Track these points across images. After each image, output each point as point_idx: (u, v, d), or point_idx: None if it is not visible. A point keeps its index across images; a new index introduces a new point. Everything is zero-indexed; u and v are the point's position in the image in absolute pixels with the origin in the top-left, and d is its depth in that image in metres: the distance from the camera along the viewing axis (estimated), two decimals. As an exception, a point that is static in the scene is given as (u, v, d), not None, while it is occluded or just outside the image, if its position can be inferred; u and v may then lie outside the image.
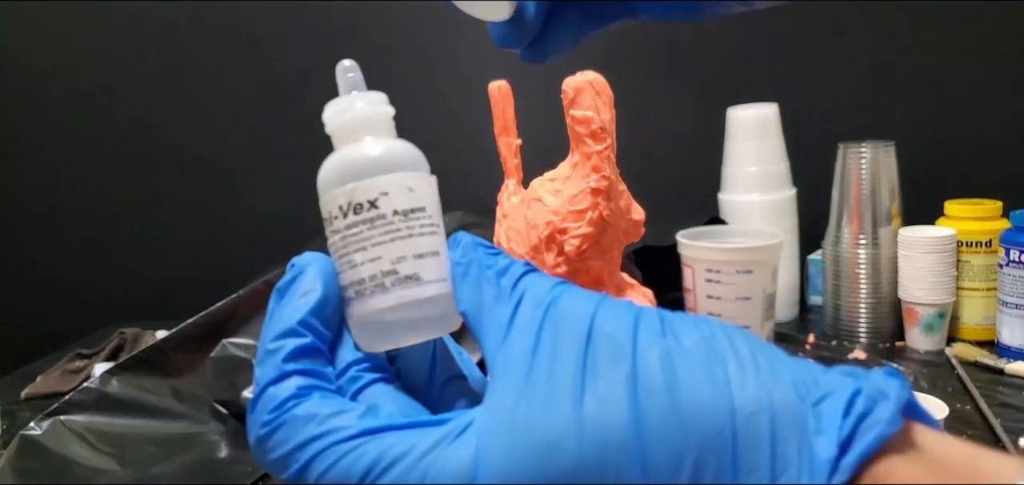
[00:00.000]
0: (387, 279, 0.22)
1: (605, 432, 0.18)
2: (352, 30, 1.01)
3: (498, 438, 0.19)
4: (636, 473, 0.17)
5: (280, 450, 0.20)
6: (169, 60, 1.05)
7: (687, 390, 0.18)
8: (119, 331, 0.84)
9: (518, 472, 0.18)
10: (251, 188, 1.07)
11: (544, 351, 0.19)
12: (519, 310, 0.21)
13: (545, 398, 0.19)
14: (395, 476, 0.19)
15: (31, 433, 0.61)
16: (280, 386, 0.21)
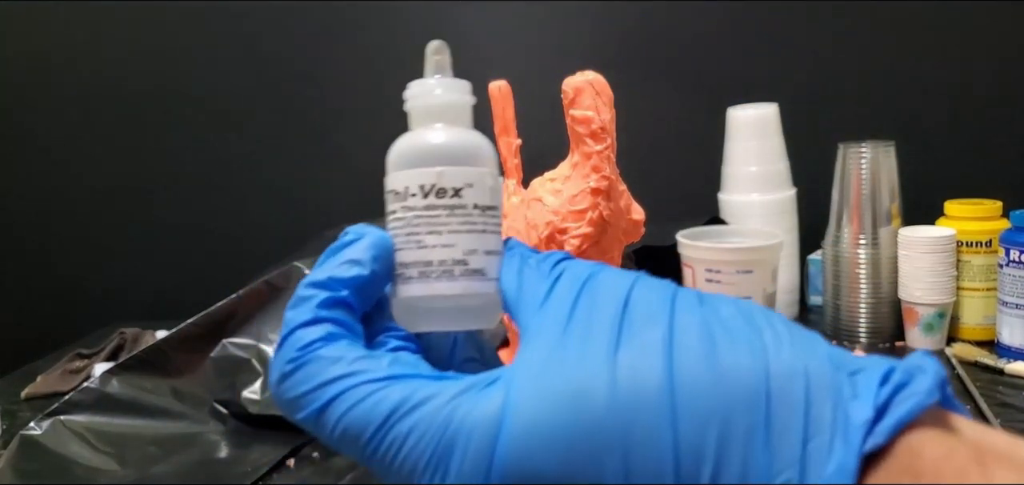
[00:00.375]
0: (456, 267, 0.22)
1: (637, 384, 0.17)
2: (353, 30, 1.01)
3: (528, 386, 0.18)
4: (666, 428, 0.17)
5: (301, 388, 0.20)
6: (169, 60, 1.05)
7: (723, 353, 0.18)
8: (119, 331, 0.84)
9: (547, 419, 0.18)
10: (251, 188, 1.07)
11: (580, 314, 0.19)
12: (557, 283, 0.21)
13: (579, 352, 0.18)
14: (418, 418, 0.19)
15: (31, 433, 0.61)
16: (310, 329, 0.21)
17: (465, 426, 0.18)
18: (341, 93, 1.03)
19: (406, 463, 0.19)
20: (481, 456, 0.18)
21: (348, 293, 0.22)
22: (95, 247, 1.09)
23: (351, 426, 0.19)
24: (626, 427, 0.17)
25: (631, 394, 0.17)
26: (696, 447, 0.17)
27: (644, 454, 0.17)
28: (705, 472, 0.17)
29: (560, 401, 0.18)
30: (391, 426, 0.19)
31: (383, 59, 1.01)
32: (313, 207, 1.03)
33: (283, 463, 0.59)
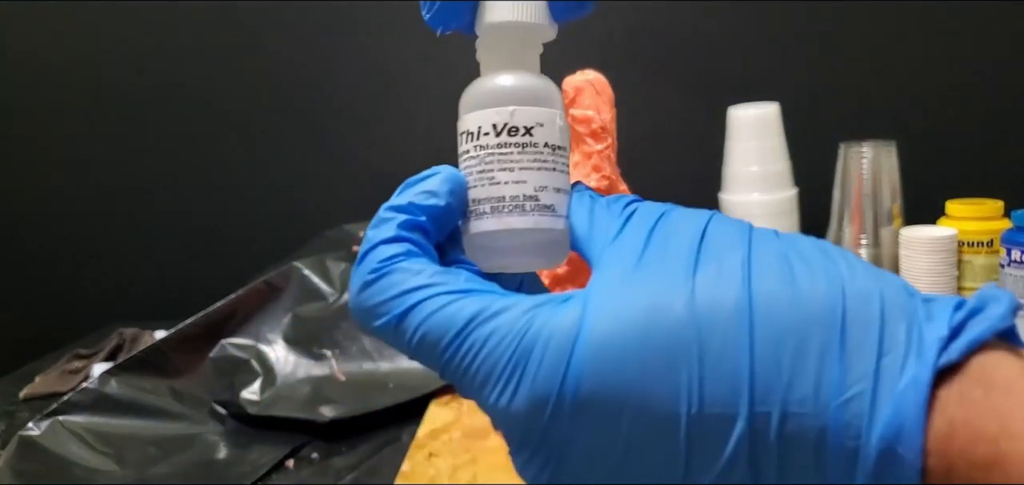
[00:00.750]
0: (528, 203, 0.23)
1: (715, 301, 0.18)
2: (353, 29, 1.01)
3: (605, 301, 0.19)
4: (743, 341, 0.17)
5: (383, 295, 0.21)
6: (169, 60, 1.05)
7: (800, 276, 0.18)
8: (118, 331, 0.84)
9: (624, 330, 0.18)
10: (250, 188, 1.07)
11: (655, 244, 0.20)
12: (630, 220, 0.21)
13: (656, 273, 0.19)
14: (497, 325, 0.19)
15: (30, 433, 0.61)
16: (391, 245, 0.21)
17: (543, 334, 0.19)
18: (341, 93, 1.02)
19: (482, 369, 0.19)
20: (557, 363, 0.18)
21: (425, 219, 0.22)
22: (94, 247, 1.09)
23: (430, 331, 0.20)
24: (703, 340, 0.17)
25: (709, 309, 0.18)
26: (772, 361, 0.17)
27: (720, 367, 0.17)
28: (779, 386, 0.17)
29: (637, 314, 0.18)
30: (470, 331, 0.19)
31: (383, 59, 1.01)
32: (312, 207, 1.03)
33: (282, 464, 0.59)
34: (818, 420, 0.17)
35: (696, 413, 0.17)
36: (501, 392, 0.19)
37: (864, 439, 0.16)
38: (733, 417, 0.17)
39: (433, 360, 0.20)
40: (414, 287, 0.20)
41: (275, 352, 0.70)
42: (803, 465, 0.17)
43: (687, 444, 0.18)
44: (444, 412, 0.63)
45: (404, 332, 0.20)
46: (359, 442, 0.61)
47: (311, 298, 0.73)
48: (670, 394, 0.17)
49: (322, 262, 0.76)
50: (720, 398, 0.17)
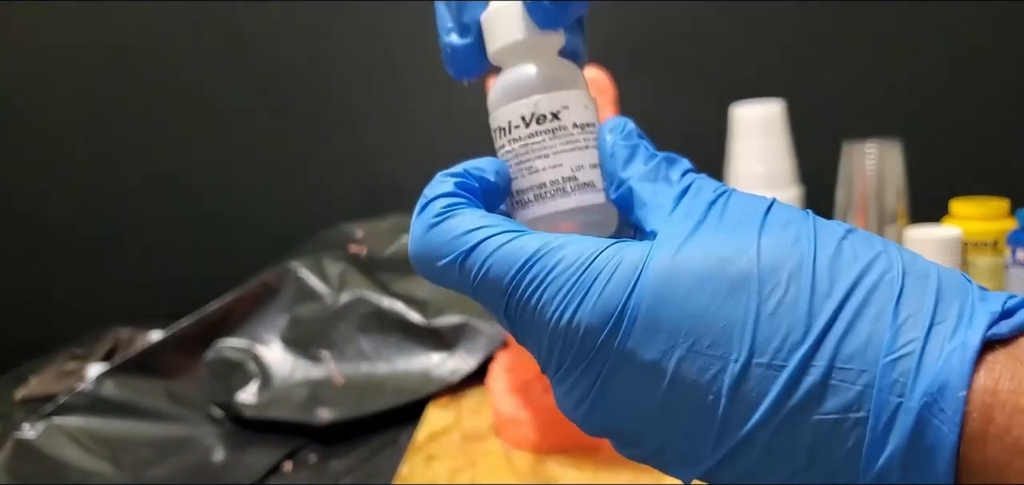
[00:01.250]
0: (568, 184, 0.24)
1: (780, 258, 0.19)
2: (351, 29, 1.01)
3: (673, 246, 0.19)
4: (804, 294, 0.18)
5: (449, 235, 0.21)
6: (163, 59, 1.04)
7: (861, 250, 0.19)
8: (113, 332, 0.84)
9: (689, 268, 0.19)
10: (246, 189, 1.06)
11: (716, 213, 0.20)
12: (688, 192, 0.22)
13: (723, 231, 0.20)
14: (563, 255, 0.20)
15: (25, 436, 0.61)
16: (452, 197, 0.22)
17: (612, 260, 0.20)
18: (338, 93, 1.02)
19: (548, 291, 0.20)
20: (624, 283, 0.19)
21: (478, 186, 0.23)
22: (89, 247, 1.09)
23: (497, 264, 0.21)
24: (763, 291, 0.18)
25: (772, 265, 0.19)
26: (829, 316, 0.18)
27: (776, 319, 0.18)
28: (831, 340, 0.18)
29: (704, 258, 0.19)
30: (537, 260, 0.20)
31: (382, 59, 1.00)
32: (309, 207, 1.03)
33: (279, 466, 0.58)
34: (863, 377, 0.17)
35: (744, 362, 0.18)
36: (565, 308, 0.20)
37: (907, 396, 0.17)
38: (780, 368, 0.18)
39: (496, 295, 0.21)
40: (480, 226, 0.21)
41: (272, 354, 0.69)
42: (841, 420, 0.17)
43: (729, 389, 0.18)
44: (443, 415, 0.63)
45: (469, 269, 0.21)
46: (357, 445, 0.61)
47: (308, 299, 0.72)
48: (722, 340, 0.18)
49: (319, 262, 0.76)
50: (770, 350, 0.18)
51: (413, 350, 0.69)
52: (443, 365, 0.67)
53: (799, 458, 0.18)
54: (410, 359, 0.69)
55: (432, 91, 1.01)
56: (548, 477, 0.53)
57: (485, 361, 0.66)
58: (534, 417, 0.55)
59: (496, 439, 0.58)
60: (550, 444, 0.56)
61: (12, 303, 1.11)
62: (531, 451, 0.56)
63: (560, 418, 0.55)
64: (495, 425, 0.59)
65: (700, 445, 0.19)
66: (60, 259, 1.09)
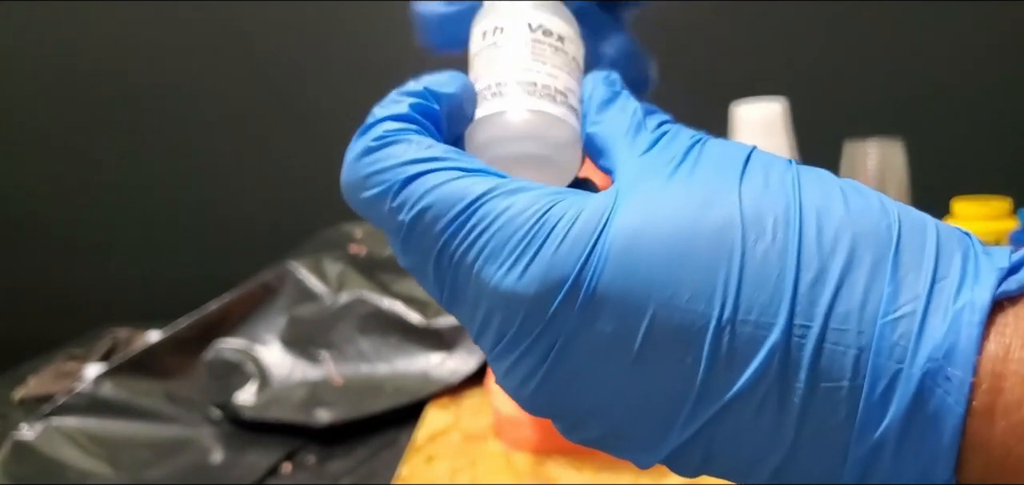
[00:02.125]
0: (558, 96, 0.22)
1: (762, 206, 0.16)
2: (350, 28, 1.00)
3: (641, 194, 0.17)
4: (791, 247, 0.16)
5: (386, 162, 0.18)
6: (164, 59, 1.04)
7: (851, 197, 0.17)
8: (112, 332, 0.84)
9: (659, 222, 0.16)
10: (245, 188, 1.06)
11: (693, 158, 0.18)
12: (662, 139, 0.19)
13: (698, 178, 0.17)
14: (514, 200, 0.17)
15: (23, 436, 0.61)
16: (402, 122, 0.19)
17: (568, 213, 0.17)
18: (337, 92, 1.02)
19: (490, 243, 0.17)
20: (581, 243, 0.16)
21: (438, 109, 0.20)
22: (87, 247, 1.09)
23: (435, 204, 0.18)
24: (747, 243, 0.16)
25: (755, 213, 0.16)
26: (818, 272, 0.16)
27: (762, 272, 0.16)
28: (825, 294, 0.16)
29: (677, 209, 0.17)
30: (482, 204, 0.17)
31: (381, 58, 1.00)
32: (308, 207, 1.02)
33: (278, 468, 0.58)
34: (860, 339, 0.15)
35: (728, 318, 0.16)
36: (510, 268, 0.17)
37: (908, 362, 0.15)
38: (769, 326, 0.16)
39: (428, 240, 0.18)
40: (423, 158, 0.18)
41: (271, 354, 0.69)
42: (835, 388, 0.15)
43: (711, 352, 0.16)
44: (442, 415, 0.63)
45: (401, 204, 0.18)
46: (356, 446, 0.61)
47: (307, 299, 0.72)
48: (703, 295, 0.16)
49: (318, 263, 0.75)
50: (757, 306, 0.16)
51: (412, 351, 0.69)
52: (443, 366, 0.67)
53: (784, 431, 0.16)
54: (410, 360, 0.68)
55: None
56: (548, 478, 0.52)
57: (485, 362, 0.66)
58: (534, 418, 0.55)
59: (496, 440, 0.58)
60: (550, 445, 0.55)
61: (10, 303, 1.11)
62: (531, 452, 0.56)
63: (560, 419, 0.55)
64: (495, 426, 0.59)
65: (670, 420, 0.16)
66: (58, 259, 1.09)
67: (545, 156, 0.21)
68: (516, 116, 0.21)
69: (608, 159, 0.20)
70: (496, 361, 0.18)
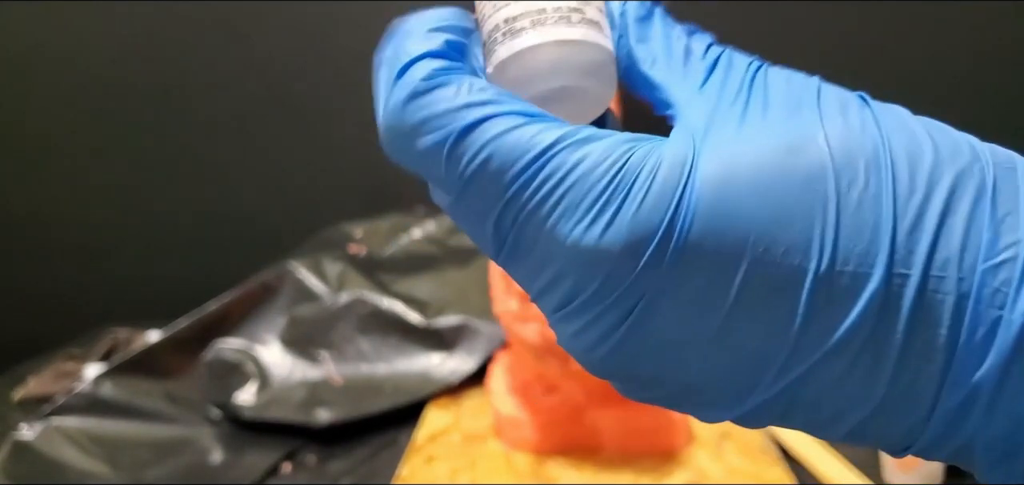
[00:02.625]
0: (573, 14, 0.19)
1: (852, 147, 0.15)
2: (351, 28, 1.00)
3: (722, 138, 0.16)
4: (886, 192, 0.15)
5: (440, 107, 0.16)
6: (164, 59, 1.04)
7: (937, 134, 0.16)
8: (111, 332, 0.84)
9: (748, 168, 0.15)
10: (245, 188, 1.06)
11: (759, 92, 0.17)
12: (717, 65, 0.18)
13: (775, 117, 0.16)
14: (589, 150, 0.16)
15: (23, 436, 0.61)
16: (442, 59, 0.17)
17: (649, 161, 0.16)
18: (337, 92, 1.02)
19: (566, 197, 0.16)
20: (668, 194, 0.15)
21: (465, 46, 0.18)
22: (87, 247, 1.09)
23: (500, 152, 0.16)
24: (841, 188, 0.15)
25: (845, 156, 0.15)
26: (916, 216, 0.15)
27: (858, 219, 0.15)
28: (923, 241, 0.15)
29: (764, 153, 0.15)
30: (554, 154, 0.16)
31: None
32: (308, 207, 1.03)
33: (278, 468, 0.58)
34: (961, 285, 0.15)
35: (825, 270, 0.15)
36: (590, 224, 0.15)
37: (1008, 308, 0.14)
38: (866, 276, 0.15)
39: (491, 194, 0.16)
40: (479, 101, 0.16)
41: (270, 354, 0.69)
42: (932, 337, 0.15)
43: (808, 304, 0.15)
44: (442, 415, 0.63)
45: (462, 153, 0.16)
46: (356, 446, 0.61)
47: (307, 299, 0.72)
48: (799, 245, 0.15)
49: (318, 263, 0.75)
50: (855, 256, 0.15)
51: (412, 351, 0.69)
52: (443, 366, 0.67)
53: (875, 384, 0.15)
54: (409, 360, 0.68)
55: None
56: (548, 478, 0.53)
57: (485, 362, 0.66)
58: (534, 418, 0.55)
59: (496, 440, 0.58)
60: (550, 445, 0.56)
61: (10, 303, 1.11)
62: (531, 452, 0.56)
63: (560, 419, 0.55)
64: (495, 426, 0.59)
65: (758, 376, 0.16)
66: (58, 259, 1.09)
67: (573, 88, 0.19)
68: (531, 60, 0.19)
69: (655, 91, 0.19)
70: (562, 322, 0.17)
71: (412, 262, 0.79)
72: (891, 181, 0.15)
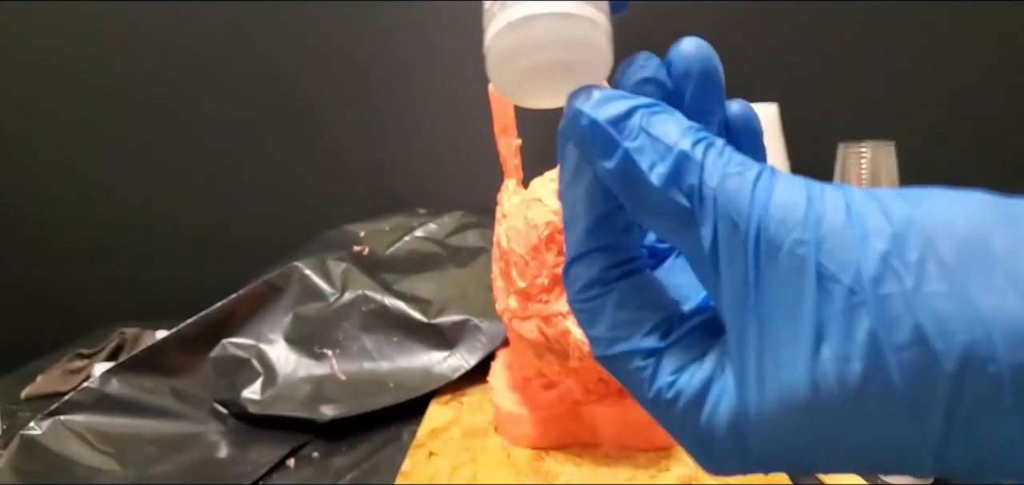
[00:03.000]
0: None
1: (846, 384, 0.16)
2: (352, 29, 1.01)
3: (754, 400, 0.18)
4: (902, 417, 0.16)
5: (586, 332, 0.21)
6: (169, 59, 1.05)
7: (974, 289, 0.15)
8: (119, 331, 0.84)
9: (781, 426, 0.17)
10: (250, 188, 1.07)
11: (765, 296, 0.17)
12: (719, 236, 0.18)
13: (788, 355, 0.17)
14: (676, 405, 0.19)
15: (31, 433, 0.61)
16: (583, 263, 0.20)
17: (707, 433, 0.19)
18: (342, 93, 1.03)
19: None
20: (735, 453, 0.18)
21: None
22: (95, 247, 1.09)
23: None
24: (857, 424, 0.16)
25: (850, 400, 0.16)
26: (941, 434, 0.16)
27: (884, 447, 0.16)
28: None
29: (786, 414, 0.17)
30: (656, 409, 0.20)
31: (384, 59, 1.01)
32: (313, 207, 1.03)
33: (283, 463, 0.59)
34: None
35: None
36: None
37: None
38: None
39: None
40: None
41: (276, 352, 0.70)
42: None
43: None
44: (444, 411, 0.64)
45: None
46: (360, 441, 0.62)
47: (312, 298, 0.73)
48: (840, 460, 0.17)
49: (323, 262, 0.76)
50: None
51: (415, 348, 0.70)
52: (444, 363, 0.68)
53: None
54: (412, 357, 0.69)
55: (435, 93, 1.01)
56: (546, 472, 0.53)
57: (485, 359, 0.67)
58: (533, 414, 0.56)
59: (496, 435, 0.59)
60: (549, 440, 0.56)
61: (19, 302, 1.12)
62: (530, 447, 0.57)
63: (559, 415, 0.56)
64: (495, 421, 0.60)
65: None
66: (67, 259, 1.10)
67: (577, 61, 0.19)
68: (538, 24, 0.19)
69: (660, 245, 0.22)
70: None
71: (414, 262, 0.80)
72: (906, 406, 0.16)
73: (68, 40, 1.06)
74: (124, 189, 1.09)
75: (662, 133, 0.18)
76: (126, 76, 1.06)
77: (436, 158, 1.02)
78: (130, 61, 1.06)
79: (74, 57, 1.06)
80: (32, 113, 1.09)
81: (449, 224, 0.87)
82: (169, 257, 1.08)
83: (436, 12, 0.99)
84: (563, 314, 0.51)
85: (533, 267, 0.52)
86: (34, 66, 1.07)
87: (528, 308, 0.53)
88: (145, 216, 1.09)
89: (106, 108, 1.07)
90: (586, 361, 0.51)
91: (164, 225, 1.09)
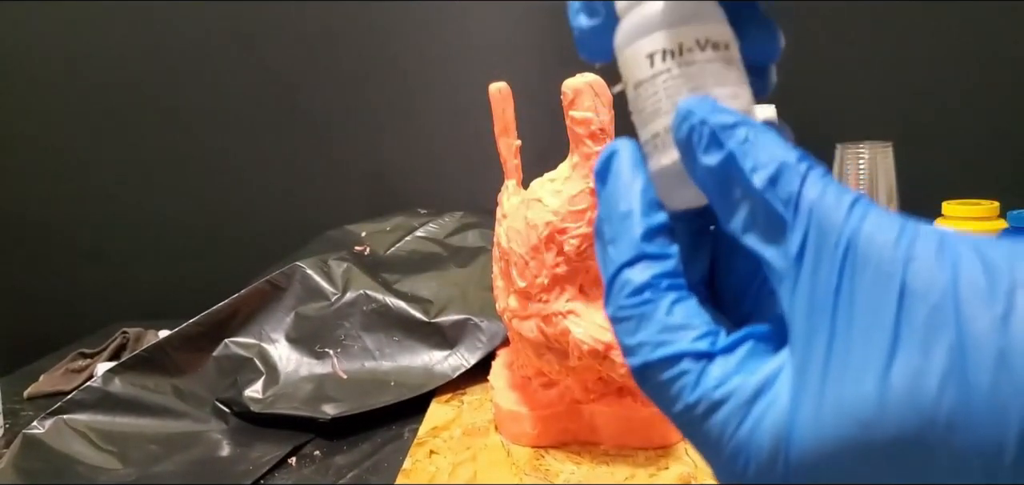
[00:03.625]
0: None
1: (923, 403, 0.16)
2: (353, 30, 1.02)
3: (809, 410, 0.17)
4: (969, 443, 0.15)
5: (627, 340, 0.20)
6: (170, 59, 1.05)
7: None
8: (121, 330, 0.85)
9: (832, 448, 0.17)
10: (252, 187, 1.07)
11: (843, 304, 0.17)
12: (808, 243, 0.18)
13: (858, 365, 0.17)
14: (717, 413, 0.19)
15: (33, 432, 0.61)
16: (635, 269, 0.21)
17: (744, 444, 0.18)
18: (343, 93, 1.03)
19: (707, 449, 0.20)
20: (770, 468, 0.18)
21: (659, 213, 0.22)
22: (97, 246, 1.10)
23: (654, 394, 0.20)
24: (921, 452, 0.16)
25: (919, 421, 0.16)
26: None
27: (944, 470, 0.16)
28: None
29: (842, 428, 0.17)
30: (693, 419, 0.19)
31: (385, 59, 1.01)
32: (314, 206, 1.04)
33: (285, 461, 0.59)
34: None
35: None
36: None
37: None
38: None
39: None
40: (653, 343, 0.20)
41: (278, 351, 0.71)
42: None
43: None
44: (445, 410, 0.64)
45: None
46: (361, 440, 0.62)
47: (313, 297, 0.74)
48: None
49: (324, 262, 0.77)
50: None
51: (415, 347, 0.70)
52: (445, 362, 0.69)
53: None
54: (413, 356, 0.70)
55: (437, 94, 1.02)
56: (546, 471, 0.54)
57: (486, 358, 0.68)
58: (533, 412, 0.57)
59: (496, 434, 0.59)
60: (548, 439, 0.57)
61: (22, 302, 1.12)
62: (530, 446, 0.57)
63: (558, 413, 0.57)
64: (495, 420, 0.60)
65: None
66: (68, 258, 1.10)
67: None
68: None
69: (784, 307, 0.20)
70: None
71: (415, 261, 0.81)
72: (974, 433, 0.15)
73: (69, 40, 1.06)
74: (127, 189, 1.09)
75: (767, 144, 0.20)
76: (127, 76, 1.07)
77: (437, 159, 1.03)
78: (132, 62, 1.06)
79: (75, 57, 1.06)
80: (36, 113, 1.09)
81: (450, 224, 0.87)
82: (171, 257, 1.09)
83: (438, 13, 1.00)
84: (563, 314, 0.52)
85: (533, 267, 0.52)
86: (34, 66, 1.07)
87: (528, 308, 0.53)
88: (148, 216, 1.09)
89: (108, 108, 1.07)
90: (585, 360, 0.51)
91: (167, 225, 1.09)
